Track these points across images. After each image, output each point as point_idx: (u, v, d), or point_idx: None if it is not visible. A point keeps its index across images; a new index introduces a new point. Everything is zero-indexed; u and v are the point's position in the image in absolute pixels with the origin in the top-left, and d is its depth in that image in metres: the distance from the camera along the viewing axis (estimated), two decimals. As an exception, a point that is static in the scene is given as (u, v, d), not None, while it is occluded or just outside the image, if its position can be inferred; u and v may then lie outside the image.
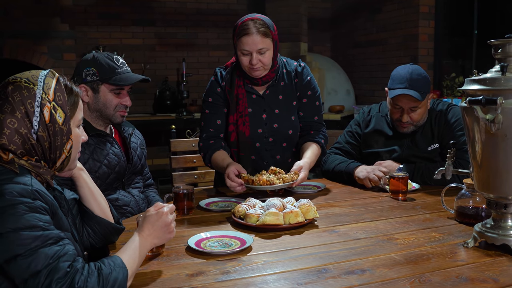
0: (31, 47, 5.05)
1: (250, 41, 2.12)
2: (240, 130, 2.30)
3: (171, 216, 1.37)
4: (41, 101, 1.24)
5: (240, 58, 2.20)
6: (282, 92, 2.33)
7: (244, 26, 2.14)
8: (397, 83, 2.30)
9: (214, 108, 2.33)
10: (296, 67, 2.38)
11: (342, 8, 6.71)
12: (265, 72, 2.23)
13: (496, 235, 1.46)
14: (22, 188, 1.14)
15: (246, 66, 2.20)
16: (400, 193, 2.08)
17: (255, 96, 2.32)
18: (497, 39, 1.42)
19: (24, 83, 1.25)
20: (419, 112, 2.33)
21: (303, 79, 2.36)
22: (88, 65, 2.04)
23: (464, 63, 5.65)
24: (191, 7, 6.28)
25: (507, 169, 1.39)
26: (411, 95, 2.23)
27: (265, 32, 2.14)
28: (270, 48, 2.17)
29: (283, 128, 2.33)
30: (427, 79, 2.33)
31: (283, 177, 2.02)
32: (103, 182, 2.02)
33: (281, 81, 2.34)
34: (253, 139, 2.31)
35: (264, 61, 2.17)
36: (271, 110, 2.32)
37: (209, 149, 2.28)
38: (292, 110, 2.35)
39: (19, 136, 1.22)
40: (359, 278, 1.28)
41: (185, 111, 5.60)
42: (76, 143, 1.33)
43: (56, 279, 1.07)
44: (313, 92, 2.38)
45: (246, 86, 2.31)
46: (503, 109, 1.31)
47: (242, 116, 2.30)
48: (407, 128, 2.37)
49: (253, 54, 2.14)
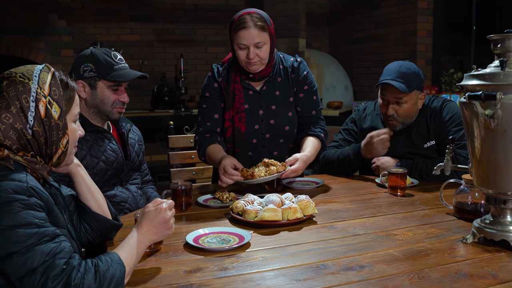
0: (29, 43, 5.03)
1: (247, 35, 2.12)
2: (236, 126, 2.29)
3: (170, 212, 1.37)
4: (36, 96, 1.23)
5: (237, 53, 2.19)
6: (279, 88, 2.33)
7: (241, 20, 2.14)
8: (385, 75, 2.35)
9: (211, 103, 2.33)
10: (293, 63, 2.36)
11: (340, 4, 6.69)
12: (262, 66, 2.23)
13: (495, 231, 1.45)
14: (17, 185, 1.14)
15: (243, 60, 2.19)
16: (399, 189, 2.07)
17: (251, 92, 2.31)
18: (496, 34, 1.41)
19: (19, 78, 1.24)
20: (405, 107, 2.32)
21: (299, 74, 2.34)
22: (85, 61, 2.03)
23: (462, 59, 5.64)
24: (189, 3, 6.26)
25: (506, 165, 1.39)
26: (394, 85, 2.25)
27: (262, 26, 2.14)
28: (267, 42, 2.17)
29: (280, 124, 2.32)
30: (417, 75, 2.32)
31: (269, 169, 2.02)
32: (101, 178, 2.01)
33: (278, 77, 2.33)
34: (249, 135, 2.30)
35: (261, 55, 2.17)
36: (268, 106, 2.31)
37: (204, 143, 2.27)
38: (289, 106, 2.34)
39: (14, 131, 1.21)
40: (357, 274, 1.28)
41: (183, 107, 5.59)
42: (73, 138, 1.33)
43: (52, 276, 1.06)
44: (310, 87, 2.36)
45: (243, 82, 2.31)
46: (502, 104, 1.31)
47: (238, 112, 2.29)
48: (393, 123, 2.36)
49: (250, 48, 2.13)
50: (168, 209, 1.36)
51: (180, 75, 5.82)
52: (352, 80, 6.22)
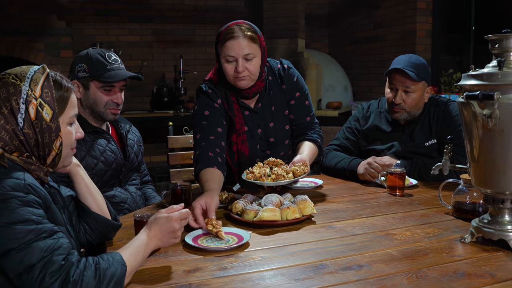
0: (28, 44, 5.03)
1: (235, 46, 1.95)
2: (240, 150, 2.15)
3: (179, 223, 1.35)
4: (27, 98, 1.23)
5: (224, 67, 2.01)
6: (274, 103, 2.20)
7: (229, 30, 1.98)
8: (395, 65, 2.36)
9: (212, 119, 2.08)
10: (280, 71, 2.20)
11: (339, 4, 6.69)
12: (252, 82, 2.05)
13: (493, 230, 1.46)
14: (15, 183, 1.14)
15: (230, 75, 2.01)
16: (398, 189, 2.08)
17: (248, 112, 2.16)
18: (494, 34, 1.42)
19: (11, 79, 1.24)
20: (413, 97, 2.34)
21: (290, 82, 2.20)
22: (80, 61, 2.03)
23: (461, 59, 5.65)
24: (188, 4, 6.26)
25: (504, 164, 1.39)
26: (406, 71, 2.27)
27: (252, 36, 1.98)
28: (257, 55, 2.01)
29: (280, 140, 2.23)
30: (425, 67, 2.37)
31: (293, 169, 1.90)
32: (100, 179, 2.01)
33: (270, 90, 2.19)
34: (252, 157, 2.16)
35: (250, 69, 1.99)
36: (266, 125, 2.19)
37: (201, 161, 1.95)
38: (285, 120, 2.23)
39: (6, 132, 1.22)
40: (356, 274, 1.28)
41: (183, 108, 5.59)
42: (67, 140, 1.32)
43: (50, 272, 1.07)
44: (301, 93, 2.23)
45: (238, 101, 2.14)
46: (500, 104, 1.31)
47: (240, 134, 2.14)
48: (399, 113, 2.37)
49: (238, 60, 1.96)
50: (179, 219, 1.35)
51: (180, 76, 5.82)
52: (351, 81, 6.22)
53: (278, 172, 1.88)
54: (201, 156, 1.97)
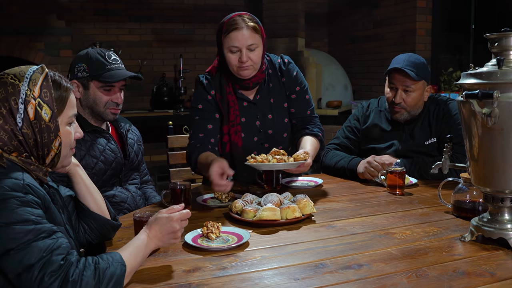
0: (27, 44, 5.03)
1: (239, 36, 2.02)
2: (232, 141, 2.20)
3: (180, 223, 1.35)
4: (25, 98, 1.23)
5: (227, 57, 2.08)
6: (273, 95, 2.25)
7: (232, 21, 2.05)
8: (394, 64, 2.36)
9: (204, 114, 2.18)
10: (280, 65, 2.28)
11: (339, 3, 6.69)
12: (255, 72, 2.12)
13: (493, 229, 1.46)
14: (14, 183, 1.14)
15: (234, 65, 2.08)
16: (397, 188, 2.08)
17: (246, 103, 2.21)
18: (494, 33, 1.42)
19: (10, 79, 1.24)
20: (413, 96, 2.34)
21: (290, 76, 2.27)
22: (80, 61, 2.03)
23: (461, 58, 5.64)
24: (188, 3, 6.25)
25: (503, 163, 1.39)
26: (405, 71, 2.28)
27: (255, 27, 2.05)
28: (259, 45, 2.08)
29: (278, 132, 2.26)
30: (425, 66, 2.37)
31: (294, 156, 1.92)
32: (100, 178, 2.01)
33: (269, 83, 2.24)
34: (247, 148, 2.17)
35: (253, 58, 2.06)
36: (264, 116, 2.23)
37: (194, 152, 2.09)
38: (284, 112, 2.28)
39: (5, 132, 1.22)
40: (356, 273, 1.28)
41: (183, 107, 5.58)
42: (66, 140, 1.32)
43: (49, 272, 1.07)
44: (301, 87, 2.29)
45: (236, 93, 2.20)
46: (499, 103, 1.31)
47: (234, 125, 2.18)
48: (400, 113, 2.37)
49: (242, 50, 2.03)
50: (180, 220, 1.35)
51: (180, 75, 5.82)
52: (351, 80, 6.22)
53: (280, 157, 1.92)
54: (191, 152, 2.11)
